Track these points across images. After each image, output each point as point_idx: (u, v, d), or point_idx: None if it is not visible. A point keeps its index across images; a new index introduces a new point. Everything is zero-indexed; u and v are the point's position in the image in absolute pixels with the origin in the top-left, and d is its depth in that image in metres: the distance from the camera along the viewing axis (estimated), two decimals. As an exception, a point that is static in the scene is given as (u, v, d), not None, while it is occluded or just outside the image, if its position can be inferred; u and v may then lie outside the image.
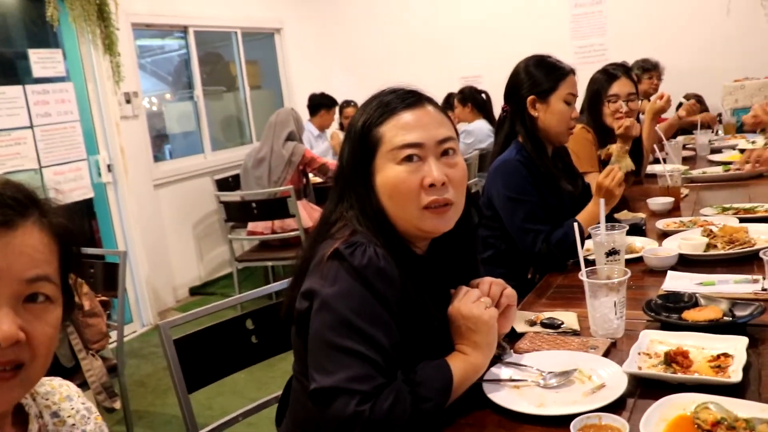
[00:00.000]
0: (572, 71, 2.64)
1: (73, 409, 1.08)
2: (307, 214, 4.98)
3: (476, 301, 1.44)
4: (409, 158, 1.42)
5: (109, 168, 5.29)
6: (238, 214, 5.00)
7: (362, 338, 1.30)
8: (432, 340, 1.44)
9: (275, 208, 4.77)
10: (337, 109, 6.89)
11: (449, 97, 6.95)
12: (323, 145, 6.81)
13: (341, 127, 7.08)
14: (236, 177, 5.82)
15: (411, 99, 1.47)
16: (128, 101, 5.47)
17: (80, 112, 5.08)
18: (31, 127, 4.74)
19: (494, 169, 2.53)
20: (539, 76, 2.56)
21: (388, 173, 1.43)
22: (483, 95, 6.10)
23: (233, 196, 5.19)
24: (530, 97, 2.53)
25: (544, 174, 2.51)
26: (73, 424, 1.06)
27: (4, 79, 4.69)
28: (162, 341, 1.81)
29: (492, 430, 1.35)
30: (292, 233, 4.88)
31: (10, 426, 0.97)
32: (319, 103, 6.70)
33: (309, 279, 1.39)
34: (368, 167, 1.45)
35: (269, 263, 5.21)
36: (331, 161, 5.33)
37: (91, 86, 5.24)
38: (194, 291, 6.00)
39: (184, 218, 6.05)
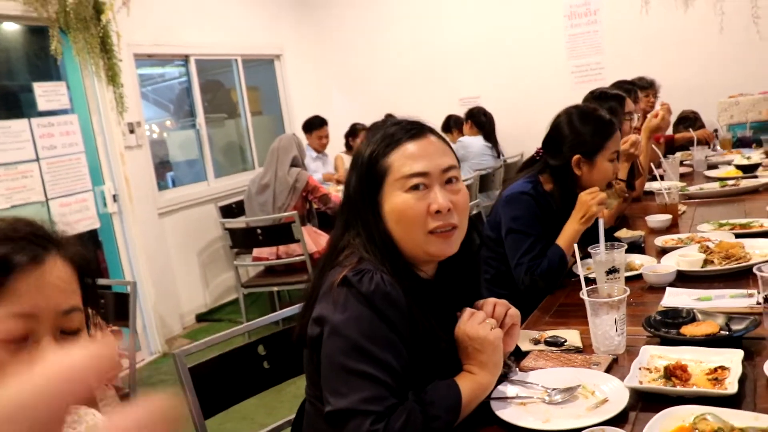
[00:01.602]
0: (617, 126, 2.59)
1: None
2: (312, 239, 5.04)
3: (482, 323, 1.50)
4: (416, 186, 1.49)
5: (115, 198, 5.36)
6: (243, 240, 5.06)
7: (373, 361, 1.37)
8: (440, 361, 1.50)
9: (280, 233, 4.83)
10: (328, 128, 6.89)
11: (449, 120, 7.04)
12: (323, 167, 6.88)
13: (348, 149, 7.15)
14: (240, 203, 5.89)
15: (414, 130, 1.54)
16: (132, 131, 5.54)
17: (85, 143, 5.14)
18: (37, 160, 4.80)
19: (506, 199, 2.57)
20: (585, 133, 2.50)
21: (396, 200, 1.49)
22: (484, 116, 6.20)
23: (238, 223, 5.24)
24: (575, 157, 2.49)
25: (555, 211, 2.52)
26: None
27: (9, 113, 4.77)
28: (177, 369, 1.86)
29: (499, 446, 1.41)
30: (297, 258, 4.92)
31: None
32: (310, 123, 6.75)
33: (319, 305, 1.46)
34: (375, 196, 1.52)
35: (275, 288, 5.25)
36: (334, 193, 5.39)
37: (95, 117, 5.31)
38: (201, 317, 6.04)
39: (189, 245, 6.11)
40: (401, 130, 1.54)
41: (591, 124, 2.50)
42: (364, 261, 1.47)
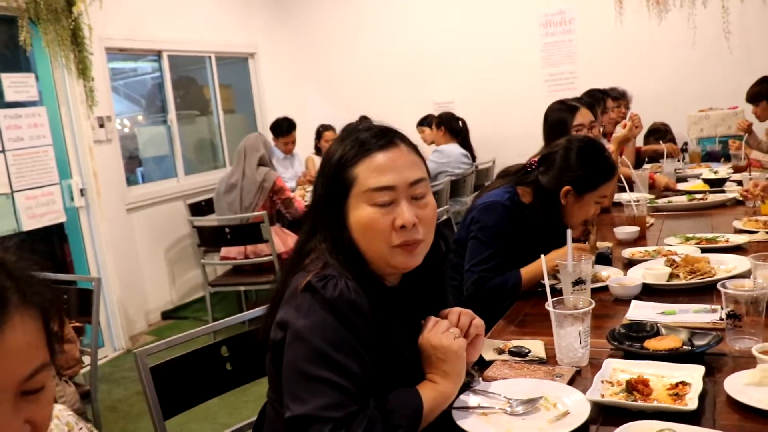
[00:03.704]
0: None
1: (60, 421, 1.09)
2: (280, 239, 5.01)
3: (445, 332, 1.50)
4: (381, 200, 1.46)
5: (82, 192, 5.29)
6: (211, 239, 5.01)
7: (335, 368, 1.35)
8: (403, 370, 1.49)
9: (248, 233, 4.80)
10: (295, 133, 6.84)
11: (427, 117, 7.03)
12: (291, 167, 6.84)
13: (317, 151, 7.12)
14: (209, 201, 5.84)
15: (385, 139, 1.51)
16: (101, 125, 5.48)
17: (53, 136, 5.07)
18: (3, 151, 4.72)
19: (481, 206, 2.57)
20: (588, 171, 2.45)
21: (361, 213, 1.48)
22: (460, 122, 6.20)
23: (207, 221, 5.20)
24: (566, 188, 2.45)
25: (529, 223, 2.52)
26: None
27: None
28: (138, 369, 1.84)
29: (460, 457, 1.40)
30: (265, 258, 4.90)
31: None
32: (278, 126, 6.70)
33: (283, 309, 1.44)
34: (341, 204, 1.50)
35: (242, 288, 5.22)
36: (298, 198, 5.37)
37: (64, 110, 5.24)
38: (166, 315, 5.98)
39: (156, 242, 6.05)
40: (372, 138, 1.51)
41: (597, 164, 2.47)
42: (329, 266, 1.45)
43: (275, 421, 1.55)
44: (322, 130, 7.14)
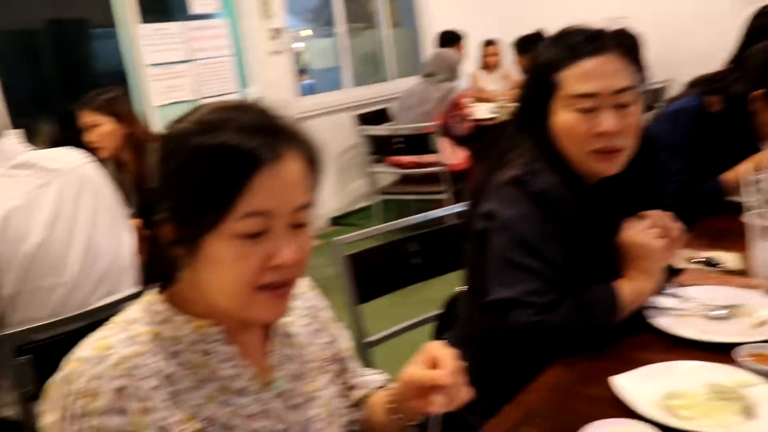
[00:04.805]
0: None
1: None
2: (449, 152, 5.05)
3: (646, 231, 1.51)
4: (583, 107, 1.47)
5: (259, 101, 5.53)
6: (381, 148, 5.13)
7: (538, 257, 1.42)
8: (601, 266, 1.52)
9: (419, 143, 4.88)
10: (462, 44, 6.74)
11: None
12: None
13: (483, 66, 7.04)
14: (377, 113, 5.96)
15: (596, 44, 1.49)
16: (275, 37, 5.67)
17: (233, 47, 5.32)
18: (188, 61, 5.03)
19: (667, 114, 2.49)
20: None
21: (562, 118, 1.50)
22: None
23: (378, 130, 5.31)
24: (759, 92, 2.21)
25: (717, 136, 2.34)
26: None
27: (165, 17, 4.99)
28: (335, 256, 1.97)
29: (654, 352, 1.42)
30: (434, 169, 4.96)
31: (259, 326, 1.11)
32: (444, 38, 6.63)
33: (488, 202, 1.51)
34: (545, 106, 1.52)
35: (410, 196, 5.34)
36: (467, 123, 5.35)
37: (242, 22, 5.47)
38: (335, 221, 6.24)
39: (325, 151, 6.23)
40: (582, 43, 1.50)
41: None
42: (532, 162, 1.50)
43: (471, 309, 1.64)
44: (486, 45, 7.04)
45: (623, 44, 1.54)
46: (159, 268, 1.02)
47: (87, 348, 0.96)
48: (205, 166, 0.91)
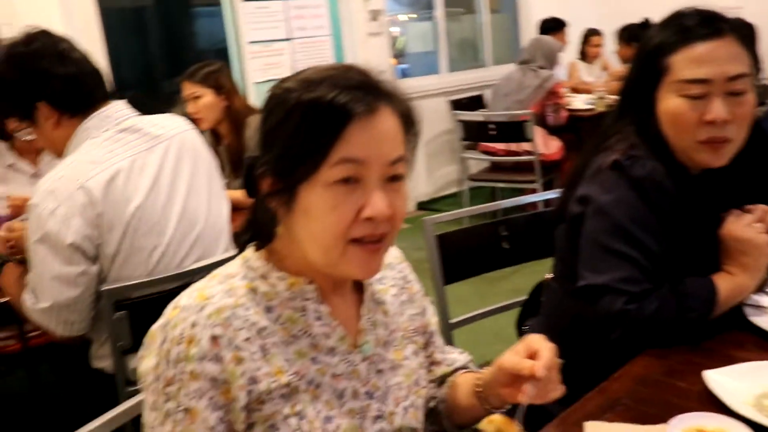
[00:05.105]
0: None
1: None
2: (543, 141, 4.97)
3: (749, 225, 1.45)
4: (693, 93, 1.41)
5: (353, 82, 5.59)
6: (475, 134, 5.10)
7: (634, 244, 1.38)
8: (699, 258, 1.47)
9: (513, 130, 4.80)
10: (565, 33, 6.61)
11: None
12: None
13: (582, 56, 6.89)
14: (472, 99, 5.91)
15: (711, 28, 1.43)
16: (374, 19, 5.70)
17: (331, 27, 5.38)
18: (288, 39, 5.13)
19: None
20: None
21: (670, 103, 1.44)
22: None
23: (472, 116, 5.28)
24: None
25: None
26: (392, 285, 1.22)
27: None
28: (424, 235, 1.97)
29: (749, 350, 1.37)
30: (526, 158, 4.89)
31: (351, 290, 1.14)
32: (549, 27, 6.51)
33: (585, 186, 1.48)
34: (652, 90, 1.47)
35: (500, 185, 5.28)
36: (564, 112, 5.26)
37: (342, 3, 5.52)
38: (422, 206, 6.25)
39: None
40: (698, 25, 1.43)
41: None
42: (635, 147, 1.45)
43: (560, 295, 1.62)
44: (589, 35, 6.87)
45: (739, 31, 1.46)
46: (258, 226, 1.07)
47: (187, 297, 1.01)
48: (300, 119, 0.95)
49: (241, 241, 1.10)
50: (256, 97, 4.87)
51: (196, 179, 2.06)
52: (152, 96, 4.18)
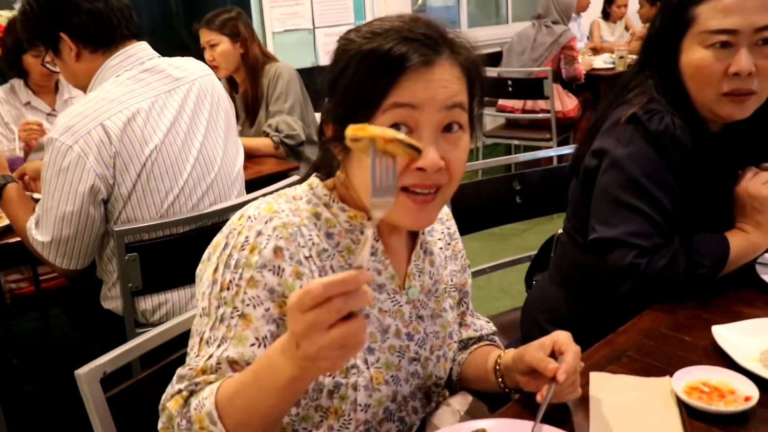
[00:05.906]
0: None
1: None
2: (560, 99, 4.93)
3: (765, 183, 1.44)
4: (719, 44, 1.38)
5: (373, 35, 5.55)
6: (491, 90, 5.05)
7: (647, 199, 1.37)
8: (712, 215, 1.47)
9: (530, 87, 4.77)
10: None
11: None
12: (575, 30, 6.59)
13: (605, 16, 6.79)
14: (490, 55, 5.83)
15: None
16: (394, -29, 5.63)
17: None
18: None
19: None
20: None
21: (694, 55, 1.41)
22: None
23: (490, 72, 5.22)
24: None
25: None
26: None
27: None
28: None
29: (758, 308, 1.37)
30: (542, 115, 4.86)
31: (406, 235, 1.16)
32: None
33: (601, 139, 1.46)
34: (676, 43, 1.44)
35: (515, 141, 5.26)
36: (580, 67, 5.17)
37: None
38: (436, 161, 6.22)
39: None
40: None
41: None
42: (654, 101, 1.43)
43: (571, 249, 1.61)
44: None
45: None
46: (324, 160, 1.11)
47: (255, 208, 1.03)
48: (357, 68, 0.97)
49: (306, 173, 1.14)
50: (275, 47, 4.85)
51: (214, 124, 2.06)
52: (170, 43, 4.15)
